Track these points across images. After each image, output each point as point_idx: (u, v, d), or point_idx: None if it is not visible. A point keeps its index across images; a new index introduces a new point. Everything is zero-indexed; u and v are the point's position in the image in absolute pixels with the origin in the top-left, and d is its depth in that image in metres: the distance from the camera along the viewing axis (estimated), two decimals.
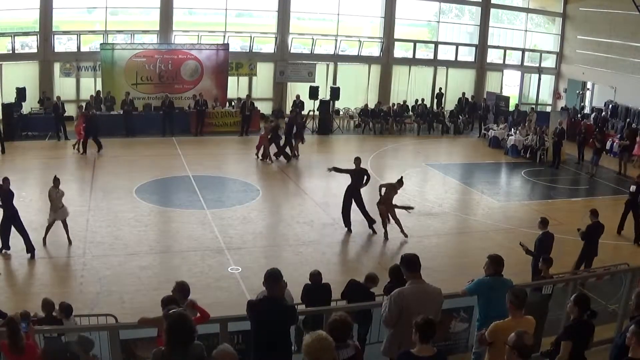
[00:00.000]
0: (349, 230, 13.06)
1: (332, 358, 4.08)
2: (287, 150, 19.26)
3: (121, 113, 21.42)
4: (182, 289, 6.87)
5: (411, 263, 5.58)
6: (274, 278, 5.38)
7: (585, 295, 5.67)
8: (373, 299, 7.73)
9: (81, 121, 18.65)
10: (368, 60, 27.21)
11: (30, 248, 11.08)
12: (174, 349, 4.18)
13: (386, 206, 12.61)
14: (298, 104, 23.01)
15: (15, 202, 11.92)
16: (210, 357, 4.25)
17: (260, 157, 18.91)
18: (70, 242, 11.69)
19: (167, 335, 4.21)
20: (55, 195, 11.62)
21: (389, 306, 5.45)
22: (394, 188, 12.74)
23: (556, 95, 29.49)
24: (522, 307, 5.37)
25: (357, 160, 13.20)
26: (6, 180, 11.27)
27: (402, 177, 13.14)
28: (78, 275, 10.57)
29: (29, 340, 5.88)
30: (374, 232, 13.02)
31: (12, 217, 11.13)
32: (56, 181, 11.78)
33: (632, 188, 13.55)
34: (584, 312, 5.48)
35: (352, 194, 13.02)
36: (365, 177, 13.10)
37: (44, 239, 11.58)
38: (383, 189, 12.71)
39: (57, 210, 11.62)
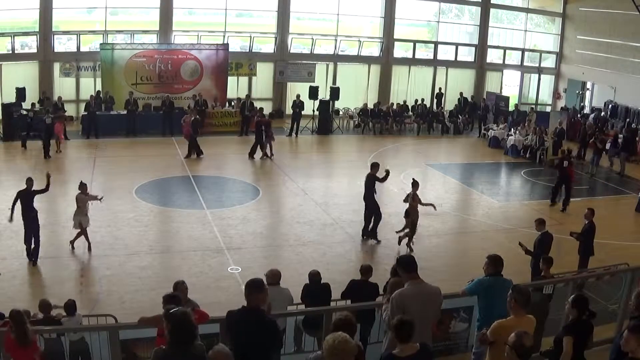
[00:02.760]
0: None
1: None
2: (267, 149, 19.17)
3: (122, 113, 21.41)
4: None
5: (408, 264, 5.59)
6: (254, 287, 4.97)
7: (582, 297, 5.64)
8: (376, 296, 7.74)
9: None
10: (368, 60, 27.20)
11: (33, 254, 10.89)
12: (175, 347, 4.19)
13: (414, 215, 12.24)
14: (298, 104, 23.02)
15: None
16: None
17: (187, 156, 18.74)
18: (90, 248, 11.49)
19: (169, 334, 4.21)
20: (82, 200, 11.39)
21: (391, 309, 5.43)
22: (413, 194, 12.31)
23: (556, 95, 29.49)
24: (526, 305, 5.37)
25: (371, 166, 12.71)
26: (30, 180, 10.97)
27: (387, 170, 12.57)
28: (78, 275, 10.58)
29: (32, 336, 5.89)
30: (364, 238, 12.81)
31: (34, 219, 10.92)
32: (82, 187, 11.59)
33: (565, 163, 15.77)
34: (582, 313, 5.46)
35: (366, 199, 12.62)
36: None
37: (72, 241, 11.47)
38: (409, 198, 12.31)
39: (86, 215, 11.41)
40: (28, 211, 10.83)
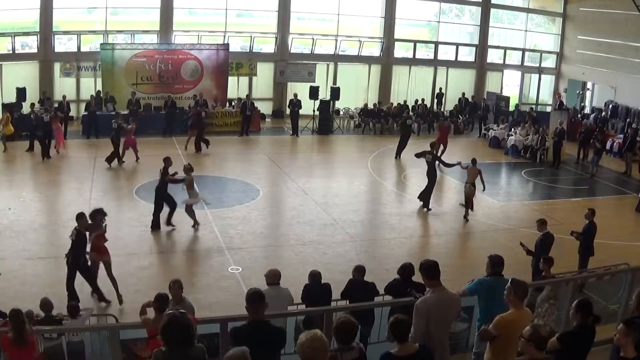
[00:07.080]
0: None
1: (326, 358, 4.07)
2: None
3: (123, 113, 21.34)
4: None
5: (431, 270, 5.57)
6: (256, 299, 4.99)
7: (587, 301, 5.58)
8: (374, 296, 7.72)
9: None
10: (368, 60, 27.21)
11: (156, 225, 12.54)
12: (173, 349, 4.18)
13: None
14: (295, 103, 23.04)
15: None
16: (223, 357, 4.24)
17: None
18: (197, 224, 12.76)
19: (165, 336, 4.20)
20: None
21: (415, 320, 5.33)
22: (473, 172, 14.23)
23: (556, 95, 29.48)
24: (524, 297, 5.37)
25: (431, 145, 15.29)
26: (168, 159, 12.76)
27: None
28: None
29: (31, 336, 5.90)
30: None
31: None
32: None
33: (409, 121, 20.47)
34: (586, 318, 5.38)
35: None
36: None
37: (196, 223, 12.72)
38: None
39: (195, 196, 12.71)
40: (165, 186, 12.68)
